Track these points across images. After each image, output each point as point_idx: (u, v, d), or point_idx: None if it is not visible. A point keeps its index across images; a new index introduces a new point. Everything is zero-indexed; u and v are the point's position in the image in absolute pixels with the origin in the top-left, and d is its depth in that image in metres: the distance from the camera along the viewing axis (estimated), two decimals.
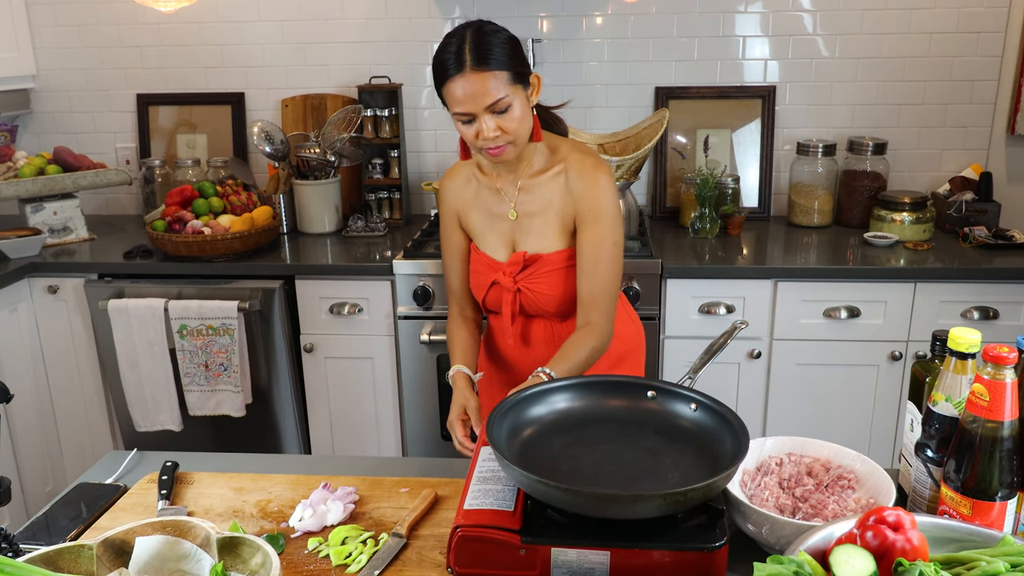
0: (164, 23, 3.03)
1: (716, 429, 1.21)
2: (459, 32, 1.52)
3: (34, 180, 2.70)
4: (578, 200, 1.62)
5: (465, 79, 1.47)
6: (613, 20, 2.89)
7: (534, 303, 1.68)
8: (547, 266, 1.65)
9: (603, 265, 1.62)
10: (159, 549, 0.99)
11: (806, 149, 2.80)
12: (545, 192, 1.65)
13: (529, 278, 1.66)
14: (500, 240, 1.70)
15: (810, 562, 0.88)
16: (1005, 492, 1.03)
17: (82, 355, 2.67)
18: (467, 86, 1.47)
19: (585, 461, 1.19)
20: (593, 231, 1.61)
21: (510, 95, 1.49)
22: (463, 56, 1.47)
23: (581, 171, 1.62)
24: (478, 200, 1.71)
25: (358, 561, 1.15)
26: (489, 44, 1.49)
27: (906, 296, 2.40)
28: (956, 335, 1.06)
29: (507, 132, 1.52)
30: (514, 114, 1.51)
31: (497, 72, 1.48)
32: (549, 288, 1.66)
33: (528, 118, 1.55)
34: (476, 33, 1.51)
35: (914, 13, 2.79)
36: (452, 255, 1.78)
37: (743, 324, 1.52)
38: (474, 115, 1.50)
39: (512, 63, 1.50)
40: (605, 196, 1.62)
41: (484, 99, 1.48)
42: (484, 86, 1.47)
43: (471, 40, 1.49)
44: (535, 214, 1.66)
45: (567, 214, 1.64)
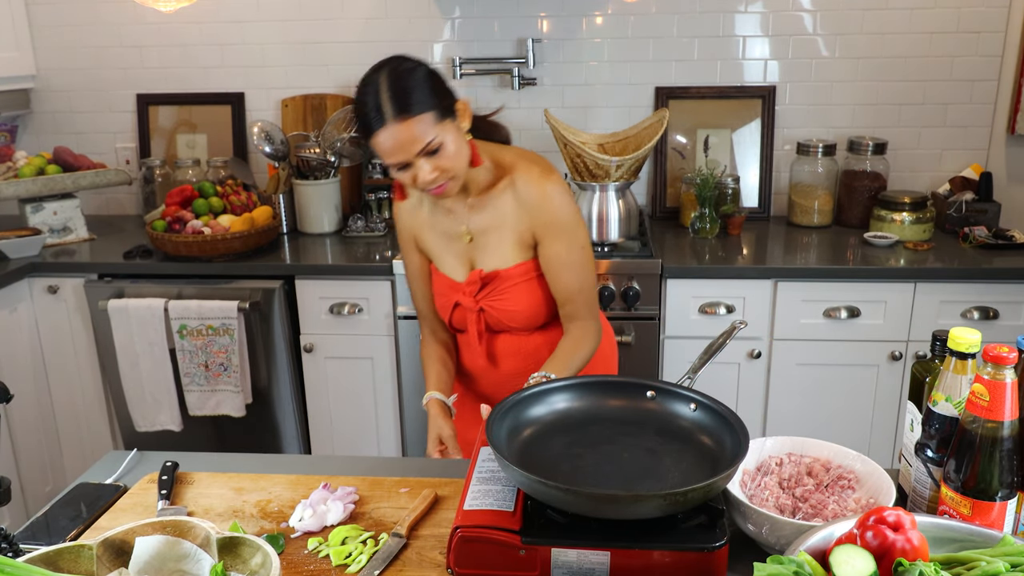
0: (164, 23, 3.03)
1: (716, 429, 1.21)
2: (373, 80, 1.45)
3: (34, 180, 2.70)
4: (532, 214, 1.58)
5: (389, 131, 1.41)
6: (613, 20, 2.89)
7: (498, 320, 1.66)
8: (507, 282, 1.62)
9: (575, 271, 1.61)
10: (159, 549, 0.99)
11: (806, 149, 2.80)
12: (497, 207, 1.60)
13: (490, 296, 1.64)
14: (457, 260, 1.67)
15: (810, 562, 0.88)
16: (1005, 492, 1.03)
17: (82, 355, 2.67)
18: (393, 137, 1.42)
19: (585, 461, 1.19)
20: (557, 243, 1.59)
21: (439, 134, 1.44)
22: (383, 107, 1.41)
23: (529, 183, 1.58)
24: (432, 221, 1.68)
25: (358, 561, 1.15)
26: (407, 88, 1.42)
27: (906, 296, 2.40)
28: (956, 335, 1.06)
29: (445, 170, 1.47)
30: (448, 151, 1.46)
31: (421, 116, 1.41)
32: (512, 304, 1.63)
33: (463, 149, 1.50)
34: (392, 78, 1.43)
35: (914, 13, 2.79)
36: (415, 277, 1.76)
37: (742, 324, 1.51)
38: (407, 162, 1.45)
39: (435, 100, 1.44)
40: (559, 205, 1.58)
41: (413, 146, 1.43)
42: (411, 134, 1.41)
43: (388, 88, 1.42)
44: (489, 230, 1.62)
45: (522, 228, 1.60)
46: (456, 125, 1.49)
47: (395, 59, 1.48)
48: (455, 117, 1.49)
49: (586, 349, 1.63)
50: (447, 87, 1.49)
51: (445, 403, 1.68)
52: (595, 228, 2.50)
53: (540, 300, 1.65)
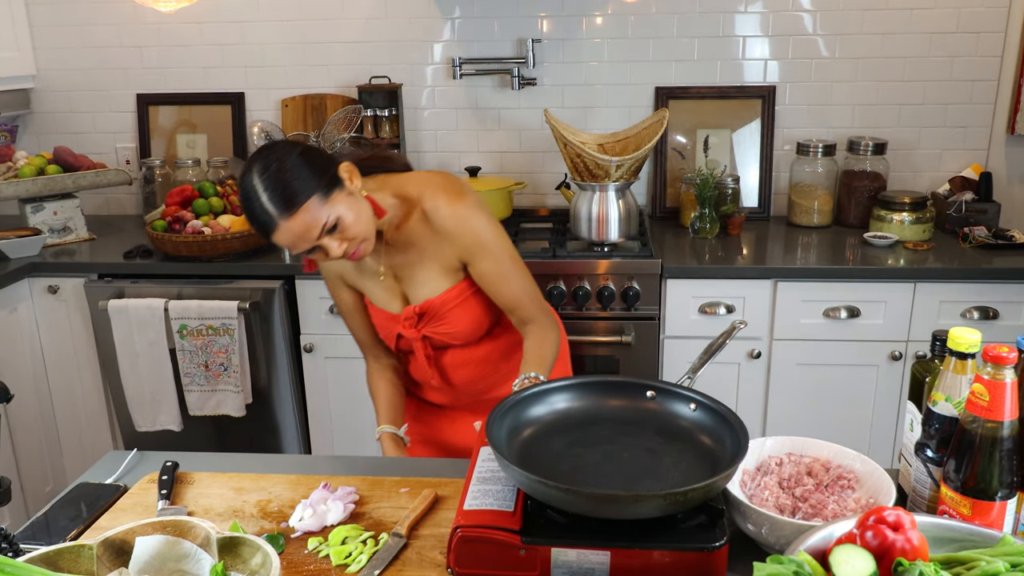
0: (164, 23, 3.03)
1: (716, 429, 1.21)
2: (249, 186, 1.39)
3: (34, 180, 2.70)
4: (452, 241, 1.56)
5: (282, 230, 1.39)
6: (613, 20, 2.89)
7: (443, 341, 1.67)
8: (441, 308, 1.62)
9: (512, 280, 1.60)
10: (159, 549, 0.99)
11: (806, 149, 2.80)
12: (413, 242, 1.59)
13: (430, 324, 1.64)
14: (387, 294, 1.66)
15: (810, 562, 0.88)
16: (1005, 492, 1.03)
17: (82, 355, 2.67)
18: (288, 234, 1.40)
19: (585, 461, 1.19)
20: (485, 261, 1.58)
21: (332, 211, 1.41)
22: (267, 211, 1.38)
23: (440, 212, 1.55)
24: (354, 265, 1.67)
25: (358, 561, 1.15)
26: (283, 182, 1.38)
27: (906, 296, 2.40)
28: (956, 335, 1.06)
29: (352, 239, 1.45)
30: (347, 221, 1.43)
31: (306, 204, 1.38)
32: (453, 326, 1.64)
33: (363, 211, 1.47)
34: (265, 178, 1.38)
35: (914, 13, 2.79)
36: (348, 313, 1.75)
37: (742, 324, 1.51)
38: (313, 247, 1.44)
39: (315, 181, 1.40)
40: (476, 225, 1.56)
41: (311, 234, 1.41)
42: (303, 225, 1.39)
43: (264, 189, 1.38)
44: (412, 264, 1.61)
45: (445, 256, 1.59)
46: (346, 192, 1.45)
47: (261, 155, 1.42)
48: (342, 185, 1.45)
49: (551, 343, 1.63)
50: (322, 160, 1.45)
51: (398, 435, 1.69)
52: (595, 228, 2.50)
53: (479, 315, 1.65)
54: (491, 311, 1.68)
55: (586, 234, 2.52)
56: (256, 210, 1.39)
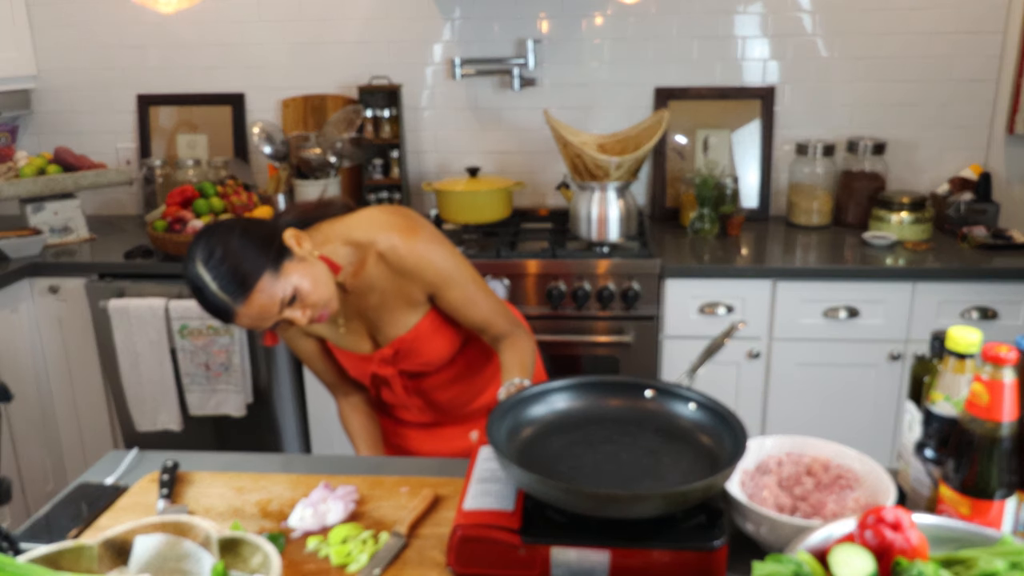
0: (164, 23, 3.03)
1: (715, 429, 1.21)
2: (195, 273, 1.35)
3: (35, 180, 2.70)
4: (415, 278, 1.54)
5: (241, 315, 1.36)
6: (613, 20, 2.89)
7: (418, 370, 1.66)
8: (414, 344, 1.60)
9: (480, 304, 1.59)
10: (159, 549, 0.99)
11: (805, 149, 2.81)
12: (374, 284, 1.55)
13: (404, 360, 1.63)
14: (355, 336, 1.63)
15: (810, 562, 0.88)
16: (1004, 492, 1.03)
17: (82, 355, 2.67)
18: (247, 318, 1.37)
19: (585, 461, 1.19)
20: (451, 292, 1.56)
21: (286, 283, 1.37)
22: (221, 300, 1.34)
23: (396, 253, 1.51)
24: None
25: (358, 561, 1.15)
26: (230, 267, 1.33)
27: (905, 296, 2.40)
28: (955, 335, 1.07)
29: (315, 305, 1.42)
30: (305, 289, 1.39)
31: (259, 284, 1.34)
32: (427, 356, 1.63)
33: (320, 275, 1.43)
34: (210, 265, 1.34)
35: (914, 13, 2.79)
36: (313, 361, 1.72)
37: (741, 324, 1.51)
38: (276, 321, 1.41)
39: (262, 260, 1.36)
40: (435, 259, 1.53)
41: (270, 312, 1.38)
42: (260, 305, 1.36)
43: (213, 278, 1.33)
44: (377, 307, 1.58)
45: (409, 292, 1.56)
46: (297, 260, 1.41)
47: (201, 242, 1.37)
48: (290, 254, 1.40)
49: (529, 351, 1.62)
50: (265, 233, 1.40)
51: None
52: (595, 228, 2.50)
53: (451, 340, 1.64)
54: (461, 332, 1.67)
55: (586, 234, 2.52)
56: (209, 299, 1.35)
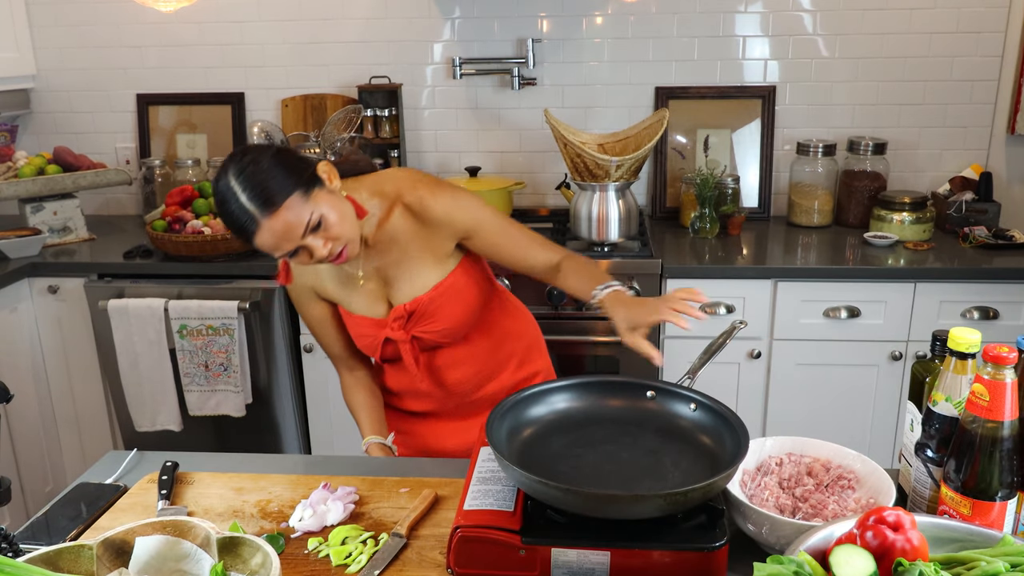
0: (164, 23, 3.03)
1: (716, 429, 1.21)
2: (226, 188, 1.36)
3: (34, 180, 2.70)
4: (444, 226, 1.55)
5: (264, 230, 1.35)
6: (613, 20, 2.89)
7: (434, 339, 1.62)
8: (431, 304, 1.58)
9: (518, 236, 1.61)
10: (159, 549, 0.99)
11: (806, 149, 2.80)
12: (398, 238, 1.55)
13: (419, 323, 1.59)
14: (369, 298, 1.61)
15: (810, 562, 0.88)
16: (1005, 492, 1.03)
17: (82, 355, 2.67)
18: (270, 234, 1.36)
19: (585, 461, 1.19)
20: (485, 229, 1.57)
21: (314, 208, 1.38)
22: (247, 211, 1.34)
23: (423, 200, 1.53)
24: (328, 271, 1.61)
25: (358, 561, 1.15)
26: (261, 181, 1.35)
27: (906, 296, 2.40)
28: (956, 335, 1.06)
29: (336, 238, 1.42)
30: (331, 220, 1.40)
31: (287, 201, 1.35)
32: (443, 322, 1.60)
33: (345, 210, 1.44)
34: (242, 179, 1.35)
35: (914, 13, 2.79)
36: (322, 329, 1.69)
37: (742, 324, 1.51)
38: (296, 247, 1.40)
39: (294, 179, 1.38)
40: (465, 202, 1.56)
41: (295, 232, 1.37)
42: (285, 223, 1.36)
43: (243, 190, 1.34)
44: (398, 263, 1.57)
45: (436, 244, 1.56)
46: (327, 191, 1.42)
47: (235, 158, 1.39)
48: (322, 184, 1.42)
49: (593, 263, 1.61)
50: (299, 159, 1.43)
51: (386, 445, 1.66)
52: (595, 228, 2.50)
53: (470, 305, 1.62)
54: (480, 298, 1.64)
55: (586, 234, 2.52)
56: (235, 211, 1.35)
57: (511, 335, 1.73)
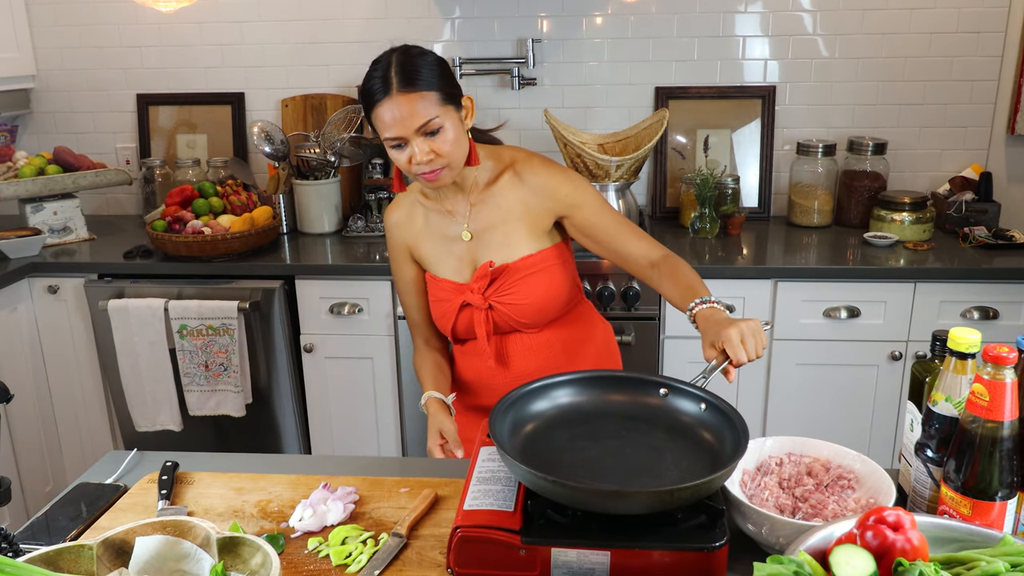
0: (164, 23, 3.03)
1: (719, 428, 1.21)
2: (384, 57, 1.49)
3: (34, 180, 2.70)
4: (551, 196, 1.59)
5: (392, 102, 1.43)
6: (613, 20, 2.89)
7: (508, 316, 1.62)
8: (516, 275, 1.60)
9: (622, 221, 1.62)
10: (159, 549, 0.99)
11: (806, 149, 2.80)
12: (501, 202, 1.60)
13: (499, 291, 1.61)
14: (459, 262, 1.64)
15: (810, 562, 0.88)
16: (1005, 492, 1.03)
17: (82, 355, 2.67)
18: (395, 109, 1.44)
19: (587, 455, 1.19)
20: (583, 208, 1.60)
21: (441, 116, 1.45)
22: (389, 79, 1.44)
23: (535, 171, 1.60)
24: (428, 228, 1.66)
25: (358, 561, 1.15)
26: (416, 66, 1.45)
27: (906, 296, 2.40)
28: (956, 335, 1.06)
29: (441, 155, 1.47)
30: (447, 136, 1.47)
31: (425, 93, 1.44)
32: (522, 297, 1.60)
33: (463, 141, 1.51)
34: (402, 56, 1.47)
35: (914, 13, 2.79)
36: (408, 289, 1.74)
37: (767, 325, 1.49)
38: (405, 139, 1.46)
39: (441, 84, 1.46)
40: (572, 178, 1.61)
41: (413, 121, 1.44)
42: (412, 108, 1.43)
43: (396, 63, 1.46)
44: (495, 227, 1.61)
45: (537, 214, 1.60)
46: (459, 116, 1.51)
47: (408, 45, 1.51)
48: (459, 108, 1.51)
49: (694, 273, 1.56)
50: (455, 79, 1.52)
51: (444, 401, 1.67)
52: None
53: (552, 288, 1.62)
54: (564, 289, 1.65)
55: None
56: (378, 75, 1.45)
57: (587, 339, 1.72)
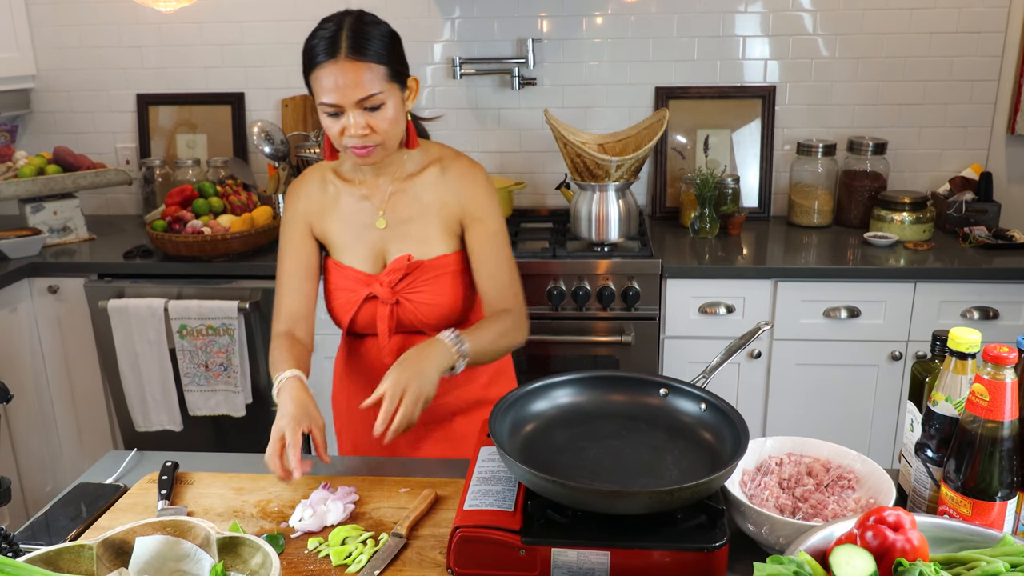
0: (164, 23, 3.03)
1: (719, 429, 1.21)
2: (336, 17, 1.44)
3: (34, 180, 2.70)
4: (464, 200, 1.55)
5: (337, 67, 1.38)
6: (613, 20, 2.89)
7: (414, 315, 1.56)
8: (429, 272, 1.55)
9: (503, 259, 1.57)
10: (159, 549, 0.99)
11: (806, 149, 2.80)
12: (422, 195, 1.55)
13: (409, 288, 1.55)
14: (369, 250, 1.56)
15: (810, 562, 0.88)
16: (1005, 492, 1.03)
17: (82, 355, 2.67)
18: (338, 75, 1.38)
19: (587, 455, 1.19)
20: (484, 228, 1.55)
21: (385, 92, 1.41)
22: (338, 42, 1.39)
23: (461, 171, 1.57)
24: (337, 207, 1.57)
25: (358, 561, 1.15)
26: (368, 35, 1.40)
27: (906, 296, 2.40)
28: (956, 335, 1.06)
29: (377, 132, 1.42)
30: (386, 114, 1.42)
31: (373, 65, 1.39)
32: (432, 297, 1.55)
33: (401, 121, 1.47)
34: (356, 21, 1.42)
35: (914, 13, 2.79)
36: (294, 271, 1.59)
37: (767, 325, 1.48)
38: (342, 108, 1.41)
39: (391, 59, 1.43)
40: (489, 193, 1.57)
41: (356, 91, 1.39)
42: (357, 77, 1.38)
43: (349, 27, 1.40)
44: (412, 219, 1.55)
45: (450, 215, 1.56)
46: (403, 96, 1.47)
47: (364, 11, 1.47)
48: (404, 88, 1.48)
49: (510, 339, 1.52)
50: (405, 57, 1.49)
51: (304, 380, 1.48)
52: (595, 228, 2.50)
53: (460, 295, 1.57)
54: (468, 296, 1.60)
55: (586, 234, 2.52)
56: (327, 36, 1.40)
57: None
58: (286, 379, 1.48)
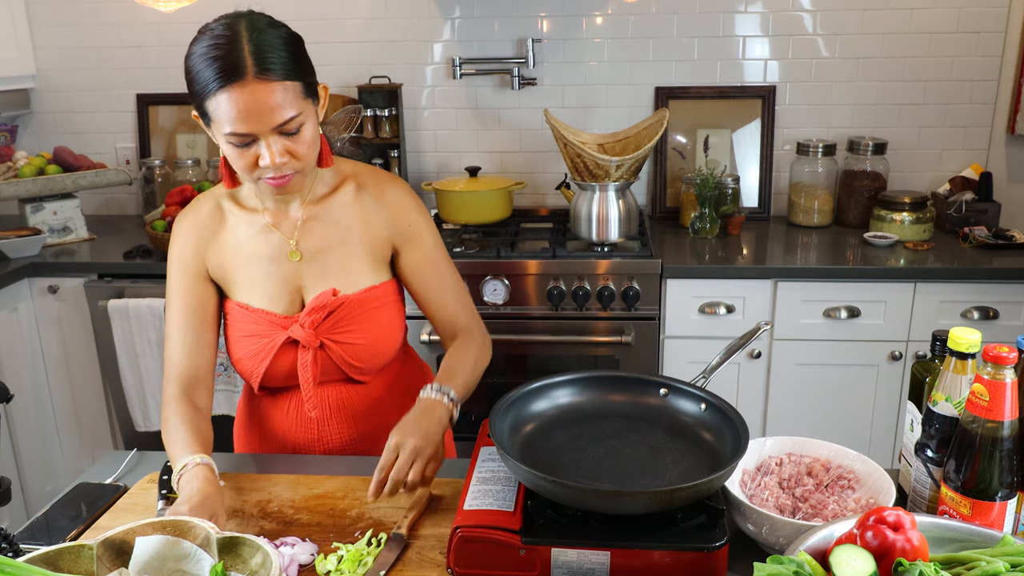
0: (164, 23, 3.03)
1: (719, 428, 1.21)
2: (231, 26, 1.17)
3: (34, 180, 2.70)
4: (392, 221, 1.37)
5: (244, 90, 1.14)
6: (613, 20, 2.89)
7: (342, 359, 1.37)
8: (357, 308, 1.35)
9: (449, 281, 1.42)
10: (159, 549, 0.99)
11: (806, 149, 2.80)
12: (340, 219, 1.35)
13: (336, 328, 1.35)
14: (282, 288, 1.35)
15: (810, 562, 0.88)
16: (1005, 492, 1.03)
17: (82, 355, 2.67)
18: (249, 100, 1.14)
19: (587, 455, 1.19)
20: (421, 251, 1.39)
21: (303, 112, 1.21)
22: (240, 60, 1.14)
23: (382, 188, 1.37)
24: (237, 242, 1.35)
25: (364, 564, 1.15)
26: (273, 45, 1.17)
27: (906, 296, 2.40)
28: (956, 335, 1.06)
29: (297, 157, 1.22)
30: (305, 136, 1.22)
31: (288, 83, 1.18)
32: (363, 336, 1.36)
33: (318, 140, 1.27)
34: (253, 30, 1.17)
35: (914, 13, 2.79)
36: (186, 320, 1.34)
37: (767, 325, 1.48)
38: (255, 136, 1.19)
39: (303, 71, 1.22)
40: (418, 207, 1.41)
41: (271, 117, 1.17)
42: (271, 101, 1.16)
43: (249, 39, 1.16)
44: (331, 248, 1.35)
45: (377, 240, 1.37)
46: (316, 110, 1.27)
47: (254, 12, 1.22)
48: (316, 100, 1.27)
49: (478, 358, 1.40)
50: (311, 62, 1.27)
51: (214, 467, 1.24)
52: (595, 228, 2.50)
53: (391, 332, 1.41)
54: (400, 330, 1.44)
55: (586, 234, 2.52)
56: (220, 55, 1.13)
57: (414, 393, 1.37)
58: (193, 467, 1.22)
